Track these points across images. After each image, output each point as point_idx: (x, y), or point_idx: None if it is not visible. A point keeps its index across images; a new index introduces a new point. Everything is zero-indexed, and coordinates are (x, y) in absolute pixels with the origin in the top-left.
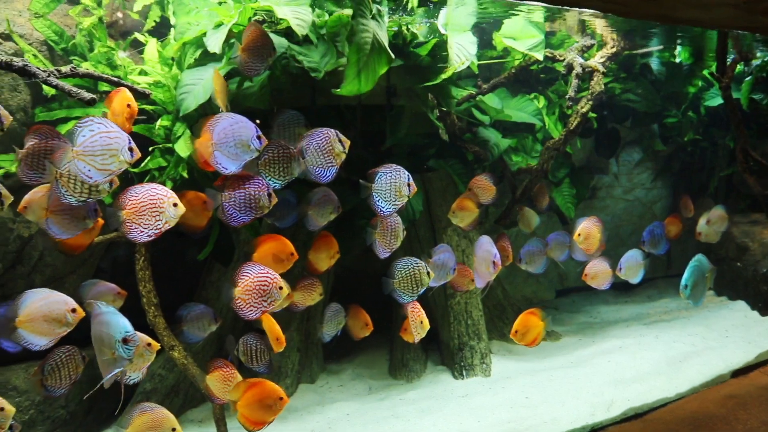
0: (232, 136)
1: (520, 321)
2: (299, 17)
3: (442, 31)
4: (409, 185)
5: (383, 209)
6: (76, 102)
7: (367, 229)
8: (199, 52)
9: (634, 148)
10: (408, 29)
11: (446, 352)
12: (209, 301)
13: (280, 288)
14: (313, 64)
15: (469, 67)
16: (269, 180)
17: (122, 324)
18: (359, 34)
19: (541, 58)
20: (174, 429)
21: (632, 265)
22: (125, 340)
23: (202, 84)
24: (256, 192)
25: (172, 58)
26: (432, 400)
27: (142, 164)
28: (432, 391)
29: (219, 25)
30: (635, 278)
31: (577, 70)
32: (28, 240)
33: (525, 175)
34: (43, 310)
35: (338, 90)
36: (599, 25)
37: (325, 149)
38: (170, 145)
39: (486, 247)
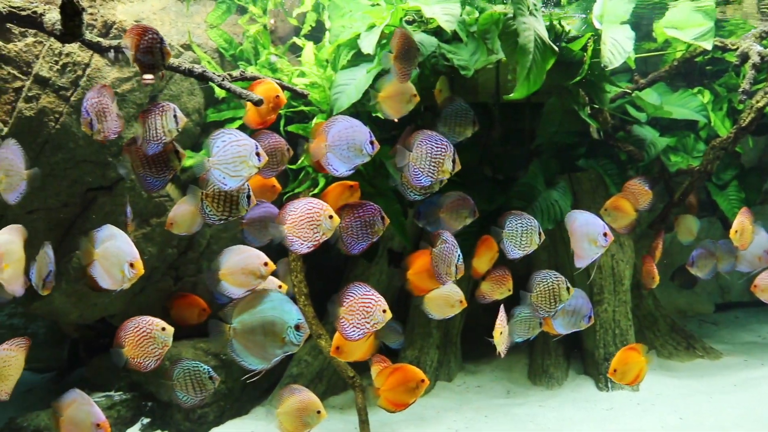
0: (345, 139)
1: (619, 358)
2: (448, 12)
3: (597, 25)
4: (540, 234)
5: (511, 255)
6: (240, 104)
7: (494, 228)
8: (352, 53)
9: None
10: (560, 24)
11: (590, 360)
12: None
13: (384, 311)
14: (462, 62)
15: (625, 60)
16: (409, 192)
17: (295, 311)
18: (523, 34)
19: (709, 47)
20: (319, 411)
21: None
22: (297, 327)
23: (355, 84)
24: (370, 218)
25: (327, 60)
26: (573, 410)
27: (299, 161)
28: (573, 400)
29: (371, 27)
30: None
31: (754, 59)
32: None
33: (684, 177)
34: (240, 263)
35: (510, 95)
36: None
37: (435, 159)
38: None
39: (586, 219)
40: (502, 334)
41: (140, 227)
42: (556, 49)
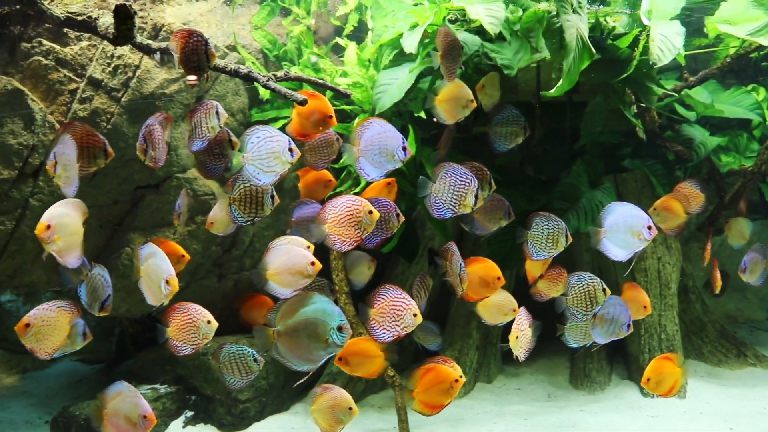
0: (378, 144)
1: (653, 367)
2: (492, 14)
3: (645, 21)
4: (567, 237)
5: (534, 257)
6: (284, 103)
7: (519, 228)
8: (394, 53)
9: None
10: (605, 20)
11: (634, 366)
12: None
13: (415, 315)
14: (506, 61)
15: (674, 57)
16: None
17: (337, 312)
18: (567, 32)
19: (765, 43)
20: (351, 408)
21: None
22: (340, 328)
23: (397, 83)
24: (386, 214)
25: (369, 60)
26: (616, 416)
27: (341, 161)
28: (616, 406)
29: (414, 26)
30: None
31: None
32: (241, 227)
33: (736, 178)
34: (287, 263)
35: (549, 92)
36: None
37: (457, 192)
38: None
39: (630, 210)
40: (518, 339)
41: (186, 225)
42: (593, 51)
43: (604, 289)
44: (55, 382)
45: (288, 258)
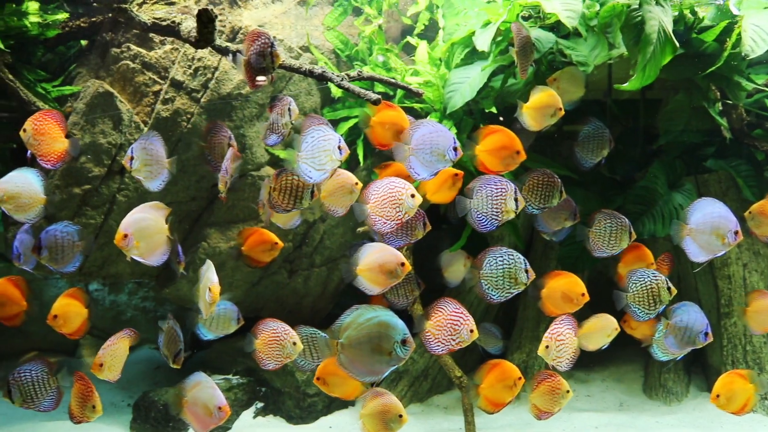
0: (429, 143)
1: (723, 383)
2: (569, 8)
3: (735, 11)
4: (631, 234)
5: (596, 254)
6: (355, 103)
7: (580, 226)
8: (466, 51)
9: None
10: (691, 12)
11: (715, 378)
12: (460, 294)
13: (471, 331)
14: (581, 57)
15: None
16: (528, 205)
17: (401, 326)
18: (648, 23)
19: None
20: (401, 416)
21: None
22: (404, 341)
23: (469, 82)
24: (413, 221)
25: (440, 59)
26: (694, 430)
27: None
28: (694, 419)
29: (487, 24)
30: None
31: None
32: (312, 224)
33: None
34: (379, 261)
35: (623, 85)
36: None
37: (496, 200)
38: None
39: (719, 211)
40: (548, 348)
41: (259, 221)
42: (677, 44)
43: (669, 288)
44: (135, 368)
45: (380, 256)
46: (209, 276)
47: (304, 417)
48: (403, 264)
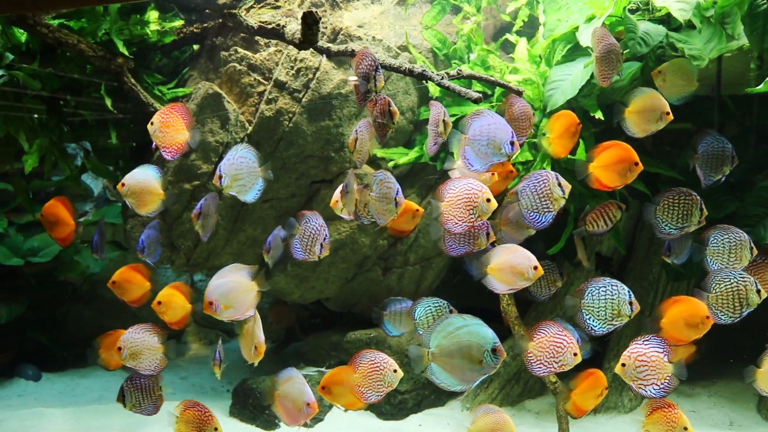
0: (486, 135)
1: None
2: (683, 1)
3: None
4: (752, 250)
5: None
6: (453, 101)
7: (696, 245)
8: (567, 47)
9: None
10: None
11: None
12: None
13: (575, 354)
14: (695, 51)
15: None
16: (665, 225)
17: (491, 335)
18: None
19: None
20: None
21: None
22: (494, 350)
23: (571, 79)
24: (477, 231)
25: (540, 56)
26: None
27: (511, 158)
28: None
29: (591, 19)
30: None
31: None
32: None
33: None
34: (511, 262)
35: (758, 88)
36: None
37: (542, 193)
38: (536, 140)
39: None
40: (625, 366)
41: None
42: None
43: (758, 290)
44: (234, 356)
45: (513, 257)
46: (257, 334)
47: (394, 413)
48: (536, 267)
